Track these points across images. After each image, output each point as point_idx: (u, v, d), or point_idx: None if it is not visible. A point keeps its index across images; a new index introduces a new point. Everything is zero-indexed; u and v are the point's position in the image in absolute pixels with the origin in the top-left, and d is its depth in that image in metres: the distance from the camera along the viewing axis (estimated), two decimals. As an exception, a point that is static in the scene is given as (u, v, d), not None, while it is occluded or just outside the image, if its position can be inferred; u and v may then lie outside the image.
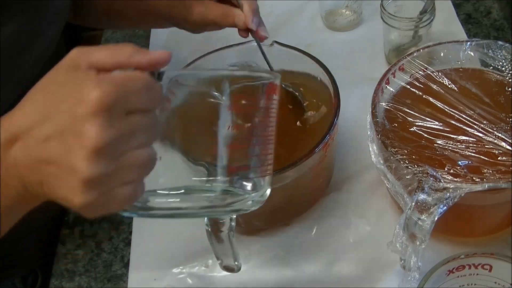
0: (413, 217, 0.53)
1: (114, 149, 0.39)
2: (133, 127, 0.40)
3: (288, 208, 0.68)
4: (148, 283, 0.67)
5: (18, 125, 0.40)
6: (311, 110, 0.69)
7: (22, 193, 0.42)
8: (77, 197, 0.39)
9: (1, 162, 0.41)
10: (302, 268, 0.65)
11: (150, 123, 0.41)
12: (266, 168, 0.49)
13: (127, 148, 0.40)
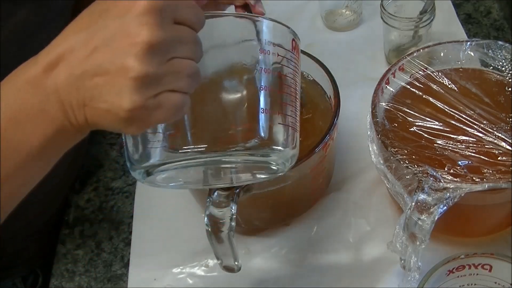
0: (413, 217, 0.53)
1: (165, 50, 0.39)
2: (181, 35, 0.40)
3: (288, 208, 0.68)
4: (148, 283, 0.67)
5: (61, 46, 0.39)
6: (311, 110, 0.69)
7: (61, 123, 0.40)
8: (126, 99, 0.38)
9: (41, 88, 0.39)
10: (302, 268, 0.66)
11: (196, 40, 0.41)
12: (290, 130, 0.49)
13: (176, 53, 0.40)
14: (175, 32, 0.39)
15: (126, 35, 0.37)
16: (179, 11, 0.40)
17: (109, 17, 0.38)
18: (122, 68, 0.37)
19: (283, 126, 0.48)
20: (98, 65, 0.38)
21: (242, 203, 0.57)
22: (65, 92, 0.39)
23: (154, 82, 0.38)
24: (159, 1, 0.38)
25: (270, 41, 0.47)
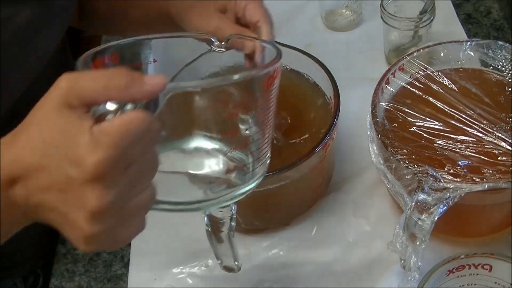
0: (413, 217, 0.53)
1: (115, 206, 0.38)
2: (133, 179, 0.39)
3: (288, 208, 0.68)
4: (148, 283, 0.67)
5: (17, 165, 0.39)
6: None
7: (25, 222, 0.43)
8: (81, 246, 0.40)
9: (2, 200, 0.40)
10: (302, 268, 0.65)
11: (150, 165, 0.40)
12: (263, 153, 0.49)
13: (129, 198, 0.39)
14: (127, 180, 0.39)
15: (76, 195, 0.37)
16: (130, 154, 0.38)
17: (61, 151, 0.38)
18: (74, 225, 0.38)
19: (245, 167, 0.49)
20: (53, 205, 0.39)
21: (242, 203, 0.57)
22: (27, 209, 0.40)
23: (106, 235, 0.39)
24: (107, 160, 0.36)
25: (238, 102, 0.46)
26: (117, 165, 0.37)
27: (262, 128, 0.48)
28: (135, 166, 0.39)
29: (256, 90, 0.46)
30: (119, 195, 0.38)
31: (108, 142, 0.36)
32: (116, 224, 0.39)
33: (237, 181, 0.48)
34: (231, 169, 0.47)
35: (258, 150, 0.49)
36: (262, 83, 0.45)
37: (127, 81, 0.37)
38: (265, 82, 0.45)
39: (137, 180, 0.39)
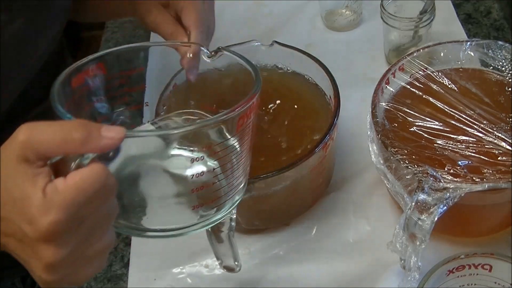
0: (413, 217, 0.53)
1: (70, 258, 0.39)
2: (89, 231, 0.39)
3: (288, 208, 0.68)
4: (148, 283, 0.67)
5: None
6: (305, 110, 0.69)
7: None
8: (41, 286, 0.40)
9: None
10: (302, 268, 0.65)
11: (108, 215, 0.41)
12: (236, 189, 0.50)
13: (85, 248, 0.40)
14: (82, 234, 0.39)
15: (32, 249, 0.38)
16: (84, 211, 0.38)
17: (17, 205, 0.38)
18: (32, 271, 0.39)
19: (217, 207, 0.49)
20: (14, 250, 0.40)
21: (242, 203, 0.57)
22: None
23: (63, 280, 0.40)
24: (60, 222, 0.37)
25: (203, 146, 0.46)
26: (70, 225, 0.38)
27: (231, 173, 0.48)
28: (90, 220, 0.39)
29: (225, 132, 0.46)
30: (73, 249, 0.39)
31: (60, 204, 0.37)
32: (73, 271, 0.40)
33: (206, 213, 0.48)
34: (197, 206, 0.47)
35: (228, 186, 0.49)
36: (231, 125, 0.45)
37: (83, 136, 0.37)
38: (235, 124, 0.45)
39: (93, 231, 0.40)
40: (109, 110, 0.53)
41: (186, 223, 0.48)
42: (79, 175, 0.37)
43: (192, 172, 0.45)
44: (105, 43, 1.00)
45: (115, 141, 0.38)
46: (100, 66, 0.50)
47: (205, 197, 0.47)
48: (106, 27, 1.03)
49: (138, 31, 1.01)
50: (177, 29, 0.64)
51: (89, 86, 0.50)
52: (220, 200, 0.48)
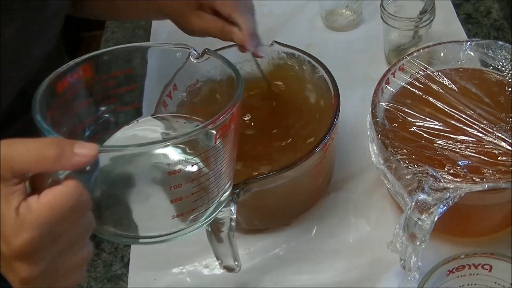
0: (413, 217, 0.53)
1: (46, 273, 0.39)
2: (64, 247, 0.40)
3: (288, 208, 0.68)
4: (148, 283, 0.67)
5: None
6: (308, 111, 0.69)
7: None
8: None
9: None
10: (302, 268, 0.65)
11: (83, 230, 0.41)
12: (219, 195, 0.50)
13: (62, 263, 0.40)
14: (56, 250, 0.39)
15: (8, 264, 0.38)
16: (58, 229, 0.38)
17: None
18: (11, 282, 0.40)
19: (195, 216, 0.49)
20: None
21: (242, 203, 0.57)
22: None
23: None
24: (33, 240, 0.37)
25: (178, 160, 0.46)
26: (43, 243, 0.38)
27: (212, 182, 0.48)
28: (66, 236, 0.39)
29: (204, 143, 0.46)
30: (49, 264, 0.39)
31: (33, 223, 0.37)
32: (50, 284, 0.40)
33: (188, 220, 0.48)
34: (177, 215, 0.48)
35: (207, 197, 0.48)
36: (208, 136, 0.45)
37: (56, 154, 0.38)
38: (213, 136, 0.45)
39: (69, 247, 0.40)
40: (97, 111, 0.53)
41: (170, 230, 0.48)
42: (51, 193, 0.38)
43: (170, 184, 0.45)
44: (105, 43, 1.00)
45: (88, 159, 0.39)
46: (86, 69, 0.50)
47: (185, 206, 0.47)
48: (106, 27, 1.03)
49: (138, 31, 1.01)
50: (222, 24, 0.64)
51: (75, 89, 0.50)
52: (201, 208, 0.48)
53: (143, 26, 1.01)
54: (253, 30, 0.63)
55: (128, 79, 0.54)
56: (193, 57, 0.54)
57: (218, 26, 0.65)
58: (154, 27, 0.99)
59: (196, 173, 0.46)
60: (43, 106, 0.45)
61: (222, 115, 0.44)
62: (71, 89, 0.49)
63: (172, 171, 0.45)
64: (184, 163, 0.45)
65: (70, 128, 0.50)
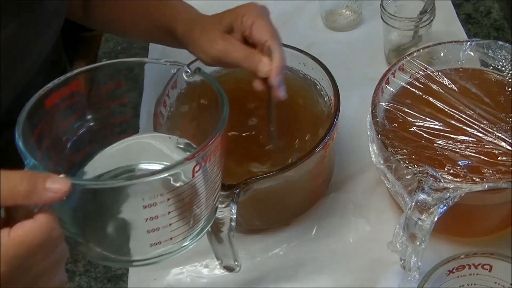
0: (413, 217, 0.53)
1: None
2: (34, 279, 0.39)
3: (288, 208, 0.68)
4: (148, 283, 0.67)
5: None
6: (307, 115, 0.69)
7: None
8: None
9: None
10: (302, 268, 0.65)
11: (54, 263, 0.41)
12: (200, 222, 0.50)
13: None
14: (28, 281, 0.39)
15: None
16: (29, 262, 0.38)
17: None
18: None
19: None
20: None
21: (242, 203, 0.57)
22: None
23: None
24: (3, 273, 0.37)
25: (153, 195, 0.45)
26: (13, 276, 0.38)
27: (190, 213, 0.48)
28: (37, 267, 0.39)
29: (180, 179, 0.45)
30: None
31: (2, 258, 0.37)
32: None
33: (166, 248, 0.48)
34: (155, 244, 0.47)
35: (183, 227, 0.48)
36: (186, 171, 0.45)
37: (28, 189, 0.38)
38: (191, 169, 0.45)
39: (40, 277, 0.40)
40: (88, 125, 0.53)
41: (152, 255, 0.48)
42: (21, 229, 0.38)
43: (146, 216, 0.45)
44: (105, 43, 1.00)
45: (59, 195, 0.39)
46: (77, 84, 0.50)
47: (163, 235, 0.47)
48: (106, 27, 1.03)
49: (138, 31, 1.01)
50: (250, 51, 0.61)
51: (65, 104, 0.50)
52: (179, 237, 0.48)
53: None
54: (284, 65, 0.60)
55: (119, 93, 0.54)
56: (185, 74, 0.54)
57: (245, 52, 0.62)
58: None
59: (173, 206, 0.46)
60: (31, 122, 0.45)
61: (200, 151, 0.44)
62: (61, 104, 0.49)
63: (147, 205, 0.45)
64: (159, 197, 0.44)
65: (60, 142, 0.51)
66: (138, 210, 0.45)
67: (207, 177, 0.47)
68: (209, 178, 0.47)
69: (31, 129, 0.45)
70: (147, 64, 0.54)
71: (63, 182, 0.39)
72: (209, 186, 0.48)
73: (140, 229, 0.46)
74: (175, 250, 0.49)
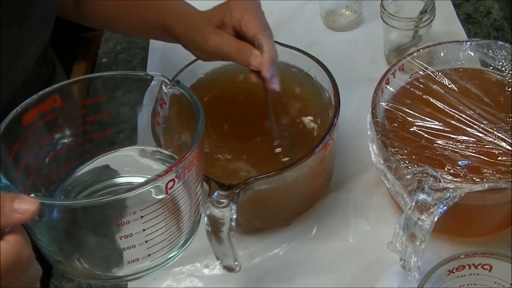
0: (413, 217, 0.53)
1: None
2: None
3: (288, 208, 0.68)
4: (148, 283, 0.67)
5: None
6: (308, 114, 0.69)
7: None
8: None
9: None
10: (302, 268, 0.65)
11: (27, 281, 0.41)
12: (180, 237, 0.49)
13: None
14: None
15: None
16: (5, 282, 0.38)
17: None
18: None
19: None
20: None
21: (242, 203, 0.57)
22: None
23: None
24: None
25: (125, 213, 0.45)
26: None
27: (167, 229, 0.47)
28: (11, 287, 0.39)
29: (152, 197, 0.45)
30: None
31: None
32: None
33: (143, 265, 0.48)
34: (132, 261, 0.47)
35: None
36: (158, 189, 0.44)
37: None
38: (163, 187, 0.44)
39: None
40: (70, 140, 0.53)
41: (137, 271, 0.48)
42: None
43: (120, 234, 0.45)
44: (105, 43, 1.00)
45: (27, 215, 0.38)
46: (56, 99, 0.50)
47: (139, 253, 0.47)
48: (106, 27, 1.03)
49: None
50: (242, 44, 0.62)
51: (44, 120, 0.50)
52: (157, 254, 0.47)
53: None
54: (274, 57, 0.61)
55: (100, 106, 0.54)
56: (165, 86, 0.53)
57: (236, 46, 0.62)
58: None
59: (148, 223, 0.45)
60: (7, 140, 0.45)
61: (173, 167, 0.44)
62: (40, 120, 0.49)
63: (120, 223, 0.44)
64: (132, 215, 0.44)
65: (39, 159, 0.50)
66: (111, 228, 0.45)
67: (182, 192, 0.47)
68: (186, 192, 0.47)
69: (8, 147, 0.45)
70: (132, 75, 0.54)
71: (31, 202, 0.38)
72: (186, 200, 0.48)
73: (116, 246, 0.46)
74: (158, 265, 0.48)
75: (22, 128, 0.47)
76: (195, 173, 0.47)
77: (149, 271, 0.48)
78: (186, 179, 0.46)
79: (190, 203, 0.49)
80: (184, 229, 0.49)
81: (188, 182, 0.47)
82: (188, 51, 0.70)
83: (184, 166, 0.45)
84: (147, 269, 0.48)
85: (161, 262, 0.49)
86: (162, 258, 0.48)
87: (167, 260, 0.49)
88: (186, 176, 0.46)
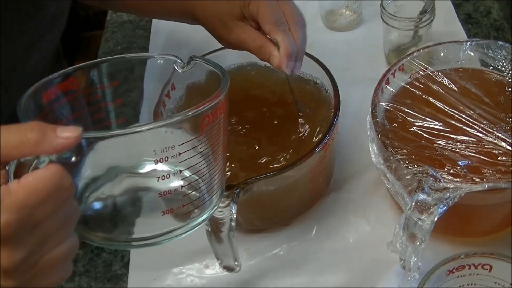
0: (413, 217, 0.53)
1: (27, 263, 0.38)
2: (46, 235, 0.39)
3: (288, 208, 0.68)
4: (148, 283, 0.67)
5: None
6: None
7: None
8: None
9: None
10: (302, 268, 0.65)
11: (67, 218, 0.40)
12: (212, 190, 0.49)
13: (44, 253, 0.39)
14: (36, 238, 0.38)
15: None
16: (38, 214, 0.37)
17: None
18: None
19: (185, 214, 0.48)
20: None
21: (242, 203, 0.57)
22: None
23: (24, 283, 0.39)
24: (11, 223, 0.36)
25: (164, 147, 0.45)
26: (23, 227, 0.37)
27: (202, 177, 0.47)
28: (48, 222, 0.38)
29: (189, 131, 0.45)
30: (30, 253, 0.38)
31: (11, 205, 0.36)
32: (32, 277, 0.39)
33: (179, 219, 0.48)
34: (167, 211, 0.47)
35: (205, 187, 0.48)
36: (195, 124, 0.44)
37: (38, 137, 0.37)
38: (199, 123, 0.44)
39: (51, 235, 0.39)
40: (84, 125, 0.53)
41: (161, 230, 0.47)
42: (32, 175, 0.37)
43: (157, 174, 0.45)
44: (105, 43, 1.00)
45: (70, 141, 0.38)
46: (73, 81, 0.50)
47: (175, 202, 0.46)
48: (106, 27, 1.03)
49: (138, 31, 1.01)
50: (264, 41, 0.62)
51: (61, 101, 0.49)
52: (189, 207, 0.47)
53: (143, 26, 1.01)
54: (292, 50, 0.60)
55: (114, 93, 0.54)
56: (179, 67, 0.53)
57: (258, 42, 0.62)
58: (153, 28, 0.99)
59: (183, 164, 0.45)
60: (29, 112, 0.44)
61: (208, 102, 0.44)
62: (57, 100, 0.49)
63: (158, 159, 0.44)
64: (171, 150, 0.44)
65: None
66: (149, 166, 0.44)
67: (215, 136, 0.46)
68: (217, 141, 0.47)
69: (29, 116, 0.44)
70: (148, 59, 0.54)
71: (73, 129, 0.38)
72: (218, 149, 0.48)
73: (151, 192, 0.46)
74: (182, 227, 0.47)
75: (42, 105, 0.47)
76: (223, 126, 0.47)
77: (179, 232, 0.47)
78: (219, 121, 0.46)
79: (221, 158, 0.48)
80: (215, 189, 0.49)
81: (220, 128, 0.47)
82: (188, 51, 0.70)
83: (218, 104, 0.45)
84: (176, 229, 0.47)
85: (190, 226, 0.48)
86: (194, 220, 0.48)
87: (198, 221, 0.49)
88: (219, 118, 0.46)
